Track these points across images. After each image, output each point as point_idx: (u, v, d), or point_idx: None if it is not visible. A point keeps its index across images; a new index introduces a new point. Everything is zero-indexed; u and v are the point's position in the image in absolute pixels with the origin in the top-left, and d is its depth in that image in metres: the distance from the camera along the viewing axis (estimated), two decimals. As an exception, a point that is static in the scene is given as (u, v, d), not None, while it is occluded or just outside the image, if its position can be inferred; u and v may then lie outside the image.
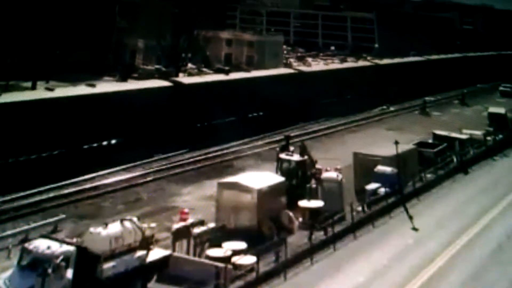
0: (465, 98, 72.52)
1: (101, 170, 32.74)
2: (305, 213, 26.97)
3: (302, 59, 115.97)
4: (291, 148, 31.38)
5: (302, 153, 30.56)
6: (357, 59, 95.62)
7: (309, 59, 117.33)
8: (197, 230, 22.54)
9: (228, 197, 25.36)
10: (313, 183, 29.65)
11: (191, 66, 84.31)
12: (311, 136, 45.90)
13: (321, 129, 49.82)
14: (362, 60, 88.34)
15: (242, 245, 22.17)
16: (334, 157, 36.56)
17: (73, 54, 66.50)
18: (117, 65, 74.33)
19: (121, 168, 33.86)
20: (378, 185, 30.73)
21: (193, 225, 22.90)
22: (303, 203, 27.41)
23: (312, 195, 28.38)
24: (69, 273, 17.58)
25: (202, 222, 23.39)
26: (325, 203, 27.52)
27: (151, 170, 34.48)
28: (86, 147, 36.06)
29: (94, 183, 31.41)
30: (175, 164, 36.08)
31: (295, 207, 26.92)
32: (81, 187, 30.56)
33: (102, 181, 31.80)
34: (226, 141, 40.86)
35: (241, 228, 24.20)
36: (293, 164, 29.86)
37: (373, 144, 38.20)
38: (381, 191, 30.47)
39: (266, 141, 43.24)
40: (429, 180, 35.13)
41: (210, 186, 30.27)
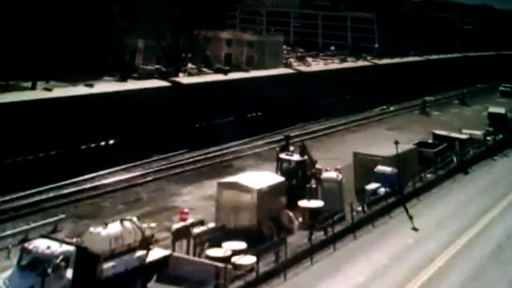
0: (465, 98, 72.46)
1: (101, 170, 32.70)
2: (305, 213, 26.95)
3: (302, 59, 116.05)
4: (291, 148, 31.36)
5: (302, 153, 30.54)
6: (357, 59, 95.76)
7: (309, 59, 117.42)
8: (197, 230, 22.53)
9: (228, 197, 25.33)
10: (313, 183, 29.62)
11: (191, 66, 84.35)
12: (311, 136, 45.86)
13: (321, 129, 49.77)
14: (362, 60, 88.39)
15: (242, 245, 22.15)
16: (334, 157, 36.52)
17: (73, 54, 66.50)
18: (117, 65, 74.33)
19: (121, 168, 33.82)
20: (378, 185, 30.71)
21: (193, 225, 22.89)
22: (303, 203, 27.38)
23: (312, 195, 28.35)
24: (69, 273, 17.58)
25: (202, 222, 23.38)
26: (325, 203, 27.50)
27: (151, 170, 34.44)
28: (84, 147, 35.89)
29: (94, 183, 31.36)
30: (175, 164, 36.03)
31: (295, 207, 26.90)
32: (81, 187, 30.52)
33: (102, 181, 31.76)
34: (224, 141, 40.75)
35: (241, 228, 24.18)
36: (293, 164, 29.84)
37: (373, 144, 38.14)
38: (381, 191, 30.45)
39: (266, 141, 43.18)
40: (429, 180, 35.10)
41: (210, 186, 30.26)
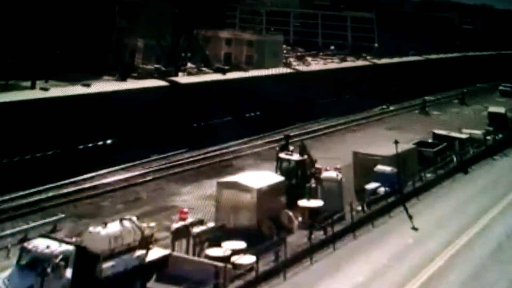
0: (465, 98, 72.41)
1: (100, 170, 32.67)
2: (304, 213, 26.92)
3: (301, 59, 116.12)
4: (291, 148, 31.35)
5: (301, 153, 30.53)
6: (357, 59, 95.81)
7: (308, 59, 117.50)
8: (196, 230, 22.52)
9: (227, 196, 25.31)
10: (313, 183, 29.61)
11: (190, 65, 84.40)
12: (311, 135, 45.85)
13: (320, 129, 49.76)
14: (361, 60, 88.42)
15: (241, 244, 22.11)
16: (334, 156, 36.52)
17: (73, 53, 66.52)
18: (117, 65, 74.35)
19: (120, 167, 33.79)
20: (377, 184, 30.69)
21: (192, 224, 22.88)
22: (303, 202, 27.36)
23: (311, 195, 28.33)
24: (68, 272, 17.55)
25: (201, 222, 23.37)
26: (325, 202, 27.47)
27: (150, 170, 34.40)
28: (83, 147, 35.76)
29: (93, 182, 31.32)
30: (175, 164, 36.00)
31: (295, 207, 26.86)
32: (80, 187, 30.48)
33: (102, 180, 31.71)
34: (222, 141, 40.65)
35: (241, 228, 24.15)
36: (292, 164, 29.80)
37: (373, 143, 38.12)
38: (381, 191, 30.42)
39: (266, 141, 43.17)
40: (429, 179, 35.08)
41: (209, 185, 30.28)
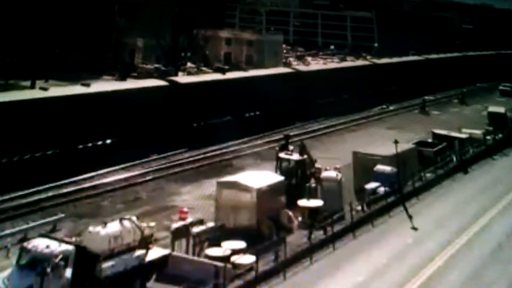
0: (464, 97, 72.45)
1: (100, 169, 32.66)
2: (304, 213, 26.91)
3: (301, 58, 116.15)
4: (291, 147, 31.33)
5: (301, 152, 30.51)
6: (357, 59, 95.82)
7: (308, 58, 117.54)
8: (196, 229, 22.52)
9: (227, 196, 25.28)
10: (313, 183, 29.57)
11: (190, 65, 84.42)
12: (311, 135, 45.85)
13: (320, 128, 49.77)
14: (361, 60, 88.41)
15: (241, 244, 22.11)
16: (334, 156, 36.47)
17: (73, 53, 66.54)
18: (117, 64, 74.36)
19: (120, 167, 33.78)
20: (377, 184, 30.68)
21: (192, 224, 22.88)
22: (303, 202, 27.34)
23: (311, 195, 28.30)
24: (68, 272, 17.56)
25: (201, 221, 23.36)
26: (325, 202, 27.45)
27: (150, 169, 34.40)
28: (82, 146, 35.61)
29: (93, 182, 31.32)
30: (174, 163, 36.00)
31: (295, 206, 26.85)
32: (80, 186, 30.48)
33: (101, 180, 31.72)
34: (221, 141, 40.58)
35: (240, 227, 24.12)
36: (292, 163, 29.79)
37: (373, 143, 38.09)
38: (381, 191, 30.41)
39: (265, 140, 43.16)
40: (428, 179, 35.07)
41: (209, 185, 30.22)
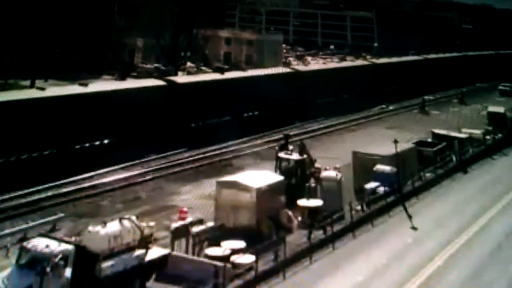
0: (464, 97, 72.47)
1: (100, 169, 32.63)
2: (304, 212, 26.91)
3: (301, 58, 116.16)
4: (290, 147, 31.33)
5: (301, 152, 30.51)
6: (356, 58, 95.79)
7: (308, 58, 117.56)
8: (196, 229, 22.52)
9: (227, 196, 25.26)
10: (312, 182, 29.56)
11: (190, 64, 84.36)
12: (310, 135, 45.86)
13: (320, 128, 49.77)
14: (361, 59, 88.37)
15: (241, 244, 22.11)
16: (333, 156, 36.49)
17: (73, 53, 66.54)
18: (116, 64, 74.34)
19: (120, 167, 33.76)
20: (377, 184, 30.68)
21: (192, 224, 22.89)
22: (302, 202, 27.33)
23: (311, 194, 28.31)
24: (68, 272, 17.55)
25: (201, 221, 23.38)
26: (324, 202, 27.45)
27: (149, 169, 34.39)
28: (81, 146, 35.51)
29: (93, 182, 31.31)
30: (174, 163, 35.99)
31: (294, 206, 26.85)
32: (80, 186, 30.46)
33: (101, 180, 31.71)
34: (220, 141, 40.49)
35: (240, 227, 24.11)
36: (292, 163, 29.79)
37: (372, 143, 38.07)
38: (380, 190, 30.42)
39: (265, 140, 43.16)
40: (428, 179, 35.08)
41: (209, 185, 30.24)
